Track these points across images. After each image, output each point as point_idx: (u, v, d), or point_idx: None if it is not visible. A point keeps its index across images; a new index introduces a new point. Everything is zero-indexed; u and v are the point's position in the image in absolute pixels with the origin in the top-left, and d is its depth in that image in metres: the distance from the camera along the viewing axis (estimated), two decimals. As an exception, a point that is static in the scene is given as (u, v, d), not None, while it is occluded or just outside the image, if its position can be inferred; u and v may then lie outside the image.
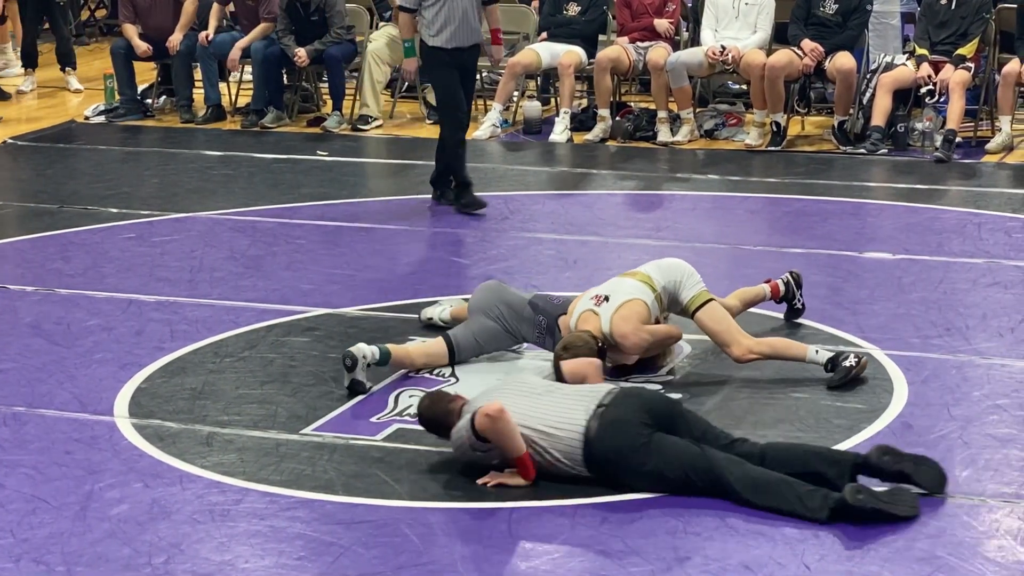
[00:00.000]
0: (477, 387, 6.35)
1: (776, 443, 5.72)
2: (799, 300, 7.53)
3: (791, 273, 7.55)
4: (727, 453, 5.61)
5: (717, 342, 6.84)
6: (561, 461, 5.70)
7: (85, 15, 18.09)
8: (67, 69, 14.78)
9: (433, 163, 10.13)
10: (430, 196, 10.14)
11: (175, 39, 12.98)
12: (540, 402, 5.81)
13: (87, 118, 13.32)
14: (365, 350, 6.74)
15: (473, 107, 13.17)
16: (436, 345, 6.99)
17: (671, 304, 6.91)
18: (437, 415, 5.98)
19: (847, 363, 6.68)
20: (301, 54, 12.54)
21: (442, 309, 7.52)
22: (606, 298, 6.79)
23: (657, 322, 6.86)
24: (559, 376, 6.41)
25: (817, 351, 6.78)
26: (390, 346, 6.90)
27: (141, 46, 13.04)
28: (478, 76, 13.44)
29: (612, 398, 5.76)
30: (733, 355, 6.77)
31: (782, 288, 7.47)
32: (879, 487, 5.43)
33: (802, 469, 5.53)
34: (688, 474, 5.54)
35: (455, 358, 6.98)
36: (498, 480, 5.74)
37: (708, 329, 6.83)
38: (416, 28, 9.85)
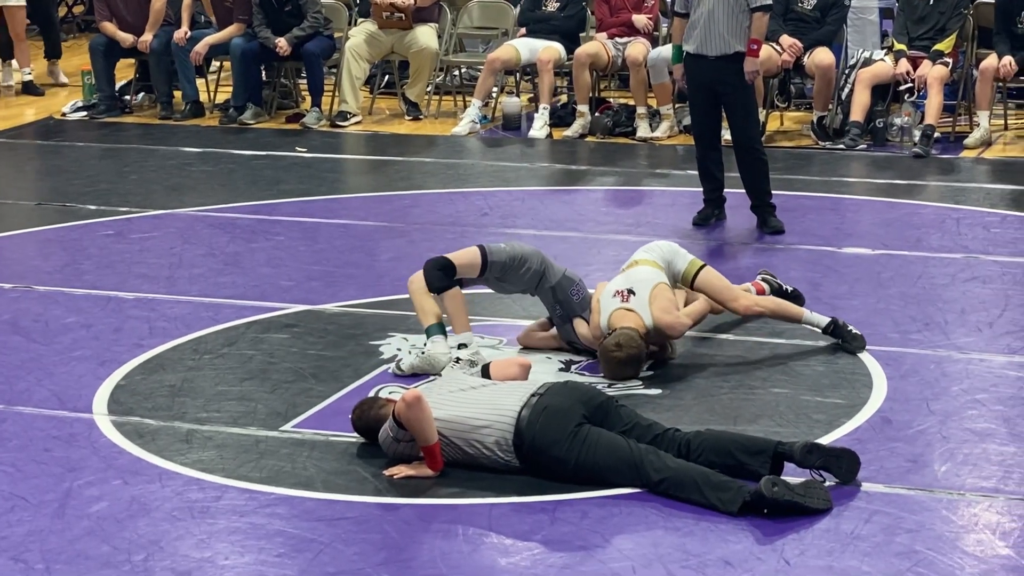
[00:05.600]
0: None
1: (703, 433, 5.76)
2: (784, 286, 7.61)
3: (762, 273, 7.65)
4: (652, 445, 5.67)
5: (721, 299, 7.07)
6: (491, 450, 5.73)
7: (63, 11, 18.03)
8: (52, 60, 14.76)
9: (402, 159, 10.07)
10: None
11: (145, 38, 12.96)
12: (474, 394, 5.87)
13: (64, 115, 13.28)
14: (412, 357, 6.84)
15: (452, 103, 13.28)
16: (470, 254, 7.02)
17: (670, 279, 7.08)
18: (369, 422, 5.99)
19: (850, 327, 7.07)
20: (282, 43, 12.51)
21: (472, 351, 6.90)
22: (631, 292, 6.89)
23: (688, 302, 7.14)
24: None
25: (812, 312, 7.13)
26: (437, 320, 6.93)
27: (128, 39, 13.00)
28: (457, 72, 13.50)
29: (547, 389, 5.82)
30: (740, 307, 7.06)
31: (767, 289, 7.51)
32: (794, 479, 5.47)
33: (725, 460, 5.62)
34: (612, 466, 5.60)
35: (485, 273, 7.01)
36: (405, 472, 5.77)
37: (711, 289, 7.06)
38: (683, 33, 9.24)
